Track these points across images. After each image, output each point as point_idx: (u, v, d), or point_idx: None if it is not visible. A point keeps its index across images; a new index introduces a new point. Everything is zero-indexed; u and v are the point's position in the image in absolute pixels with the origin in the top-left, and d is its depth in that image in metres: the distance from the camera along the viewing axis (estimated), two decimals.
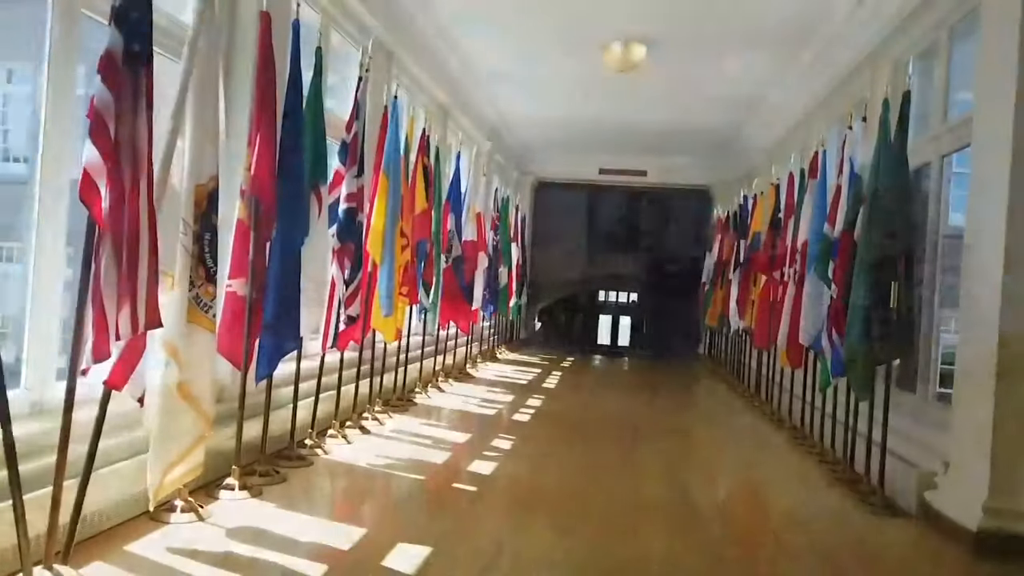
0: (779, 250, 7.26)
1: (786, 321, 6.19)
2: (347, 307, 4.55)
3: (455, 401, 6.83)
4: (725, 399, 8.51)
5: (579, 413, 6.74)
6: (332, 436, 4.79)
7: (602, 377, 10.08)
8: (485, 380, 8.54)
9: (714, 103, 9.22)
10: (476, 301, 8.52)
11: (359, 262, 4.62)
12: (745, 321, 8.52)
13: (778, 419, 6.85)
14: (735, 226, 10.27)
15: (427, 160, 6.48)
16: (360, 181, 4.59)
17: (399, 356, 6.25)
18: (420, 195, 6.14)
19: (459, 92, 8.73)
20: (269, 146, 3.61)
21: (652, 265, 19.06)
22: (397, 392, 6.39)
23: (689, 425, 6.57)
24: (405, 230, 5.74)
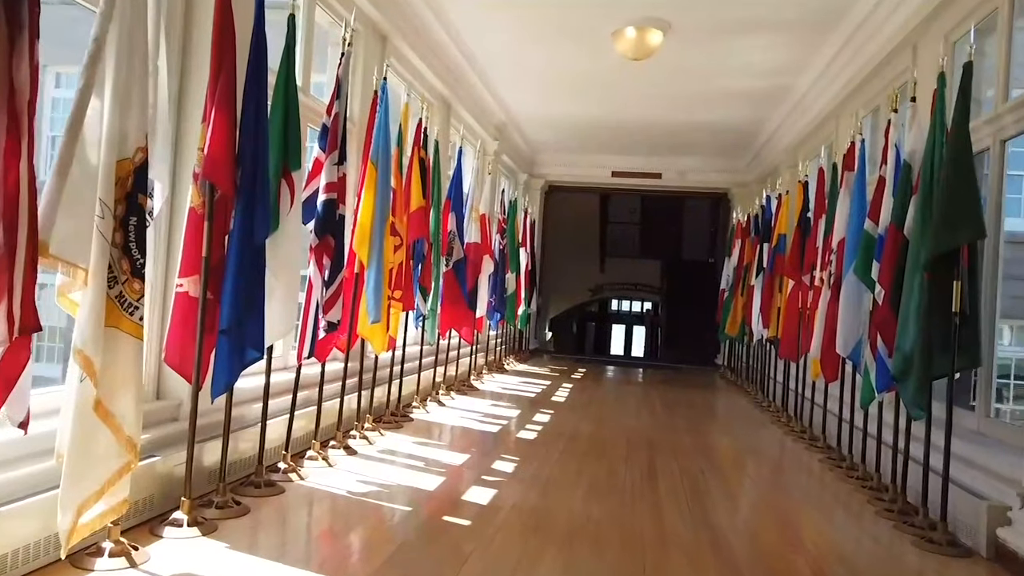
0: (808, 252, 6.68)
1: (820, 329, 5.60)
2: (326, 312, 4.01)
3: (456, 417, 6.27)
4: (748, 414, 7.90)
5: (590, 430, 6.16)
6: (311, 458, 4.24)
7: (615, 390, 9.49)
8: (490, 393, 7.98)
9: (734, 98, 8.66)
10: (480, 308, 7.98)
11: (340, 261, 4.08)
12: (770, 330, 7.93)
13: (810, 437, 6.24)
14: (756, 230, 9.68)
15: (424, 154, 5.96)
16: (341, 170, 4.06)
17: (392, 367, 5.70)
18: (416, 191, 5.61)
19: (461, 84, 8.22)
20: (226, 123, 3.08)
21: (667, 272, 18.46)
22: (391, 407, 5.84)
23: (711, 444, 5.97)
24: (398, 228, 5.22)
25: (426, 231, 5.85)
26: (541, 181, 13.27)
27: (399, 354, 5.98)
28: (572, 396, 8.22)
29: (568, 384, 9.29)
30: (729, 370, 11.59)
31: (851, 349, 5.10)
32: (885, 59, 6.06)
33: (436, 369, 6.95)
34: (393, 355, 5.67)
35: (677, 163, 12.53)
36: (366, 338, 4.74)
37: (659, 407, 7.87)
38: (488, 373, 9.41)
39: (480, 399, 7.42)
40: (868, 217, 4.83)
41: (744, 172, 12.25)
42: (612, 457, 5.10)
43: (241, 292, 3.14)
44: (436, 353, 6.97)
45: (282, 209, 3.56)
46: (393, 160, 5.25)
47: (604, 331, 22.99)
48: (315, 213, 3.96)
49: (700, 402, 8.89)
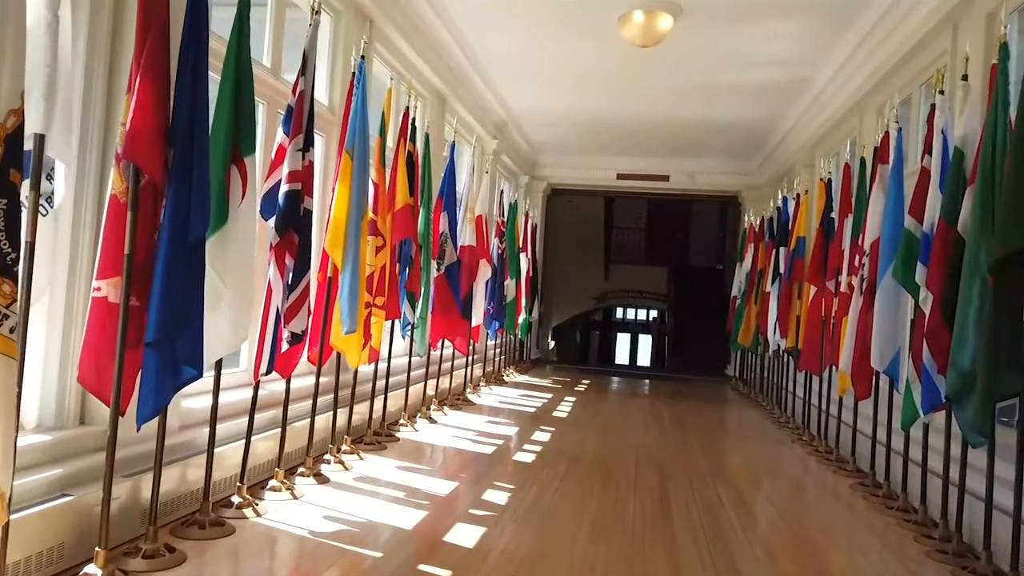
0: (832, 256, 6.12)
1: (850, 340, 5.03)
2: (287, 321, 3.46)
3: (447, 435, 5.71)
4: (764, 430, 7.32)
5: (594, 449, 5.59)
6: (274, 489, 3.69)
7: (621, 403, 8.92)
8: (487, 408, 7.42)
9: (748, 92, 8.11)
10: (476, 316, 7.43)
11: (306, 262, 3.53)
12: (788, 340, 7.36)
13: (836, 459, 5.67)
14: (771, 233, 9.13)
15: (413, 147, 5.43)
16: (307, 158, 3.52)
17: (375, 382, 5.15)
18: (402, 187, 5.08)
19: (457, 78, 7.69)
20: (153, 94, 2.55)
21: (674, 279, 17.89)
22: (373, 426, 5.29)
23: (727, 465, 5.40)
24: (381, 227, 4.68)
25: (413, 231, 5.32)
26: (543, 184, 12.74)
27: (383, 367, 5.43)
28: (575, 410, 7.65)
29: (571, 397, 8.73)
30: (741, 381, 11.01)
31: (888, 363, 4.55)
32: (920, 43, 5.50)
33: (427, 382, 6.39)
34: (376, 368, 5.13)
35: (685, 165, 11.98)
36: (339, 350, 4.19)
37: (668, 422, 7.30)
38: (486, 385, 8.85)
39: (475, 415, 6.86)
40: (908, 214, 4.28)
41: (755, 174, 11.70)
42: (619, 483, 4.53)
43: (172, 298, 2.60)
44: (427, 365, 6.41)
45: (231, 200, 3.02)
46: (375, 152, 4.72)
47: (609, 340, 22.41)
48: (276, 206, 3.42)
49: (712, 417, 8.31)
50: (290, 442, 4.14)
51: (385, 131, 4.74)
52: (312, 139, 3.55)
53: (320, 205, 4.61)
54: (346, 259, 4.01)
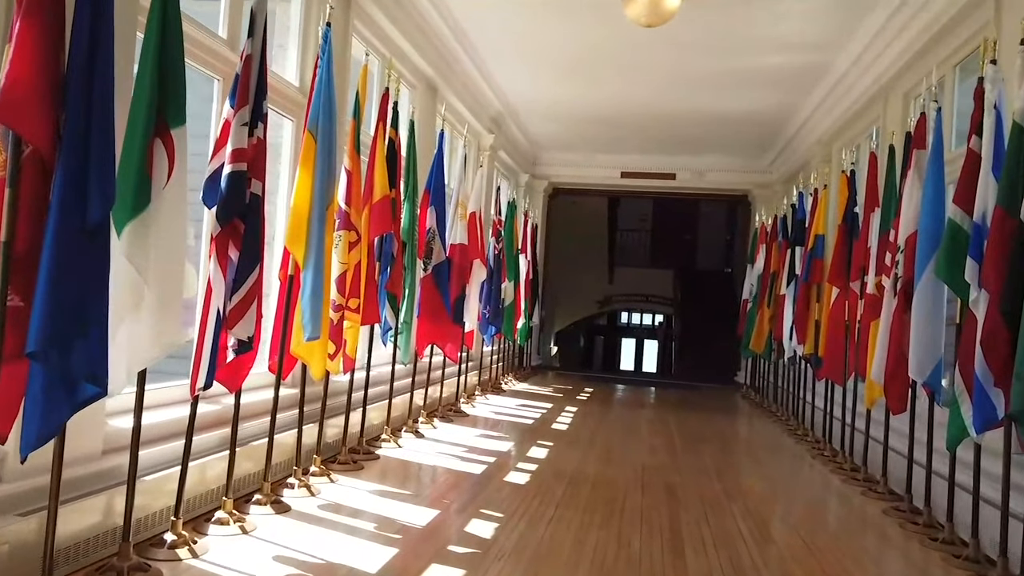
0: (857, 254, 5.59)
1: (883, 348, 4.49)
2: (230, 325, 2.94)
3: (433, 452, 5.18)
4: (781, 445, 6.77)
5: (595, 470, 5.05)
6: (220, 522, 3.16)
7: (625, 413, 8.37)
8: (481, 420, 6.88)
9: (761, 80, 7.58)
10: (470, 321, 6.90)
11: (254, 255, 3.01)
12: (806, 346, 6.81)
13: (865, 478, 5.12)
14: (784, 232, 8.59)
15: (395, 134, 4.91)
16: (255, 136, 3.00)
17: (351, 394, 4.62)
18: (381, 177, 4.56)
19: (450, 66, 7.18)
20: (36, 41, 2.04)
21: (680, 283, 17.33)
22: (351, 443, 4.77)
23: (745, 489, 4.85)
24: (355, 221, 4.16)
25: (393, 226, 4.79)
26: (544, 183, 12.21)
27: (362, 376, 4.91)
28: (576, 423, 7.11)
29: (572, 407, 8.18)
30: (752, 390, 10.45)
31: (929, 373, 4.01)
32: (956, 16, 4.96)
33: (413, 393, 5.86)
34: (353, 378, 4.60)
35: (693, 162, 11.45)
36: (301, 359, 3.66)
37: (677, 437, 6.75)
38: (482, 394, 8.32)
39: (468, 428, 6.32)
40: (953, 203, 3.75)
41: (767, 172, 11.16)
42: (623, 511, 3.99)
43: (63, 297, 2.08)
44: (413, 374, 5.87)
45: (155, 179, 2.50)
46: (348, 136, 4.21)
47: (613, 345, 21.86)
48: (217, 190, 2.90)
49: (724, 429, 7.75)
50: (249, 464, 3.63)
51: (360, 114, 4.22)
52: (262, 113, 3.03)
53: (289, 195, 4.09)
54: (308, 255, 3.48)
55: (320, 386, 4.26)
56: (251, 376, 3.86)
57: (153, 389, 3.30)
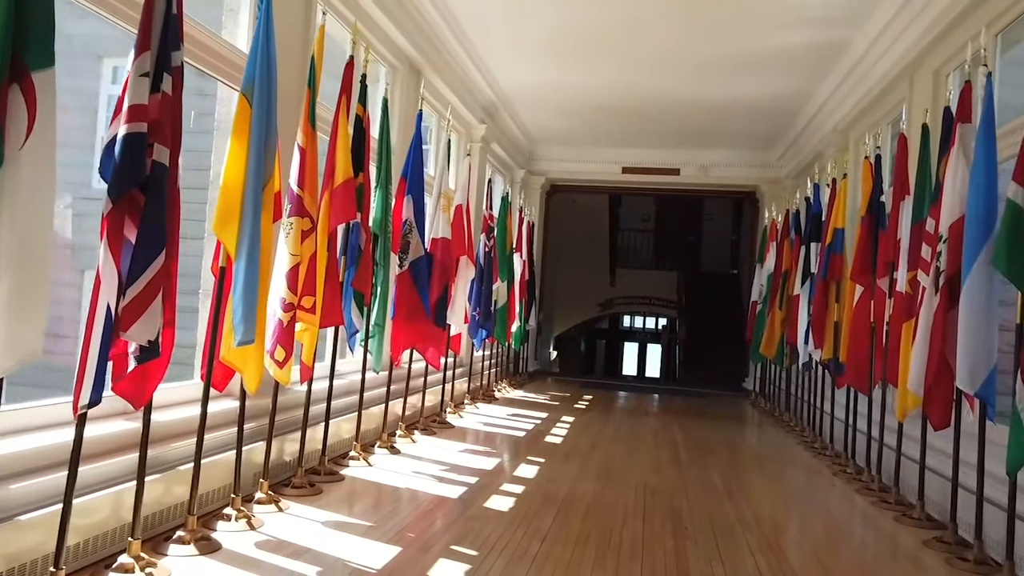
0: (884, 247, 5.00)
1: (921, 353, 3.89)
2: (126, 325, 2.35)
3: (408, 471, 4.58)
4: (797, 459, 6.17)
5: (590, 492, 4.45)
6: (122, 570, 2.57)
7: (626, 423, 7.76)
8: (468, 432, 6.29)
9: (772, 63, 6.99)
10: (456, 323, 6.31)
11: (157, 238, 2.41)
12: (824, 350, 6.20)
13: (897, 501, 4.51)
14: (797, 228, 8.00)
15: (363, 111, 4.33)
16: (161, 91, 2.42)
17: (308, 407, 4.02)
18: (344, 158, 3.98)
19: (433, 44, 6.60)
20: None
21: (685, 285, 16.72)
22: (310, 463, 4.18)
23: (762, 515, 4.24)
24: (308, 206, 3.58)
25: (359, 215, 4.21)
26: (541, 179, 11.63)
27: (324, 387, 4.33)
28: (572, 434, 6.51)
29: (569, 416, 7.58)
30: (762, 397, 9.83)
31: (982, 382, 3.40)
32: None
33: (388, 404, 5.25)
34: (310, 389, 4.00)
35: (698, 156, 10.86)
36: (233, 367, 3.06)
37: (683, 450, 6.14)
38: (471, 403, 7.72)
39: (451, 441, 5.73)
40: (1014, 181, 3.16)
41: (776, 166, 10.57)
42: (621, 546, 3.39)
43: None
44: (388, 383, 5.27)
45: (9, 135, 1.93)
46: (303, 105, 3.63)
47: (615, 350, 21.24)
48: (110, 158, 2.32)
49: (734, 441, 7.14)
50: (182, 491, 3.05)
51: (315, 82, 3.64)
52: (169, 64, 2.44)
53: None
54: (240, 243, 2.89)
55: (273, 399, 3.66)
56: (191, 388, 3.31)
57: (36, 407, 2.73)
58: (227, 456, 3.42)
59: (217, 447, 3.48)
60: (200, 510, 3.23)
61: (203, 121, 5.78)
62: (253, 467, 3.68)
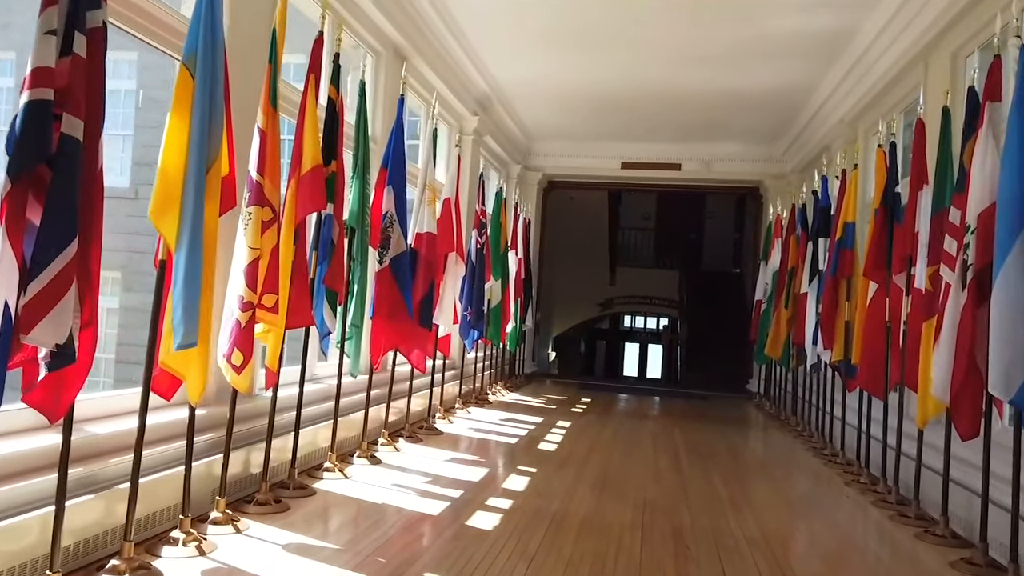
0: (900, 241, 4.66)
1: (946, 356, 3.54)
2: (27, 326, 2.00)
3: (387, 484, 4.23)
4: (807, 467, 5.83)
5: (585, 505, 4.11)
6: None
7: (625, 428, 7.40)
8: (456, 439, 5.94)
9: (777, 50, 6.65)
10: (444, 323, 5.97)
11: (66, 224, 2.07)
12: (834, 352, 5.85)
13: (916, 516, 4.16)
14: (804, 224, 7.65)
15: (335, 93, 3.99)
16: (70, 55, 2.07)
17: (273, 417, 3.67)
18: (312, 142, 3.64)
19: (420, 29, 6.26)
20: None
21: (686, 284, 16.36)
22: (278, 476, 3.84)
23: (771, 531, 3.90)
24: (269, 194, 3.23)
25: (331, 206, 3.87)
26: (538, 175, 11.28)
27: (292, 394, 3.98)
28: (568, 440, 6.16)
29: (565, 421, 7.23)
30: (766, 400, 9.48)
31: (1019, 387, 3.05)
32: None
33: (368, 410, 4.90)
34: (276, 396, 3.66)
35: (700, 151, 10.51)
36: (175, 374, 2.71)
37: (685, 458, 5.79)
38: (463, 407, 7.37)
39: (438, 449, 5.38)
40: None
41: (780, 160, 10.22)
42: (619, 572, 3.04)
43: None
44: (368, 388, 4.93)
45: None
46: (264, 82, 3.29)
47: (615, 351, 20.88)
48: (12, 129, 1.98)
49: (738, 447, 6.79)
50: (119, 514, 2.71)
51: (277, 57, 3.30)
52: (81, 22, 2.10)
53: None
54: (181, 233, 2.55)
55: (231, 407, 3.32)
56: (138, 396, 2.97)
57: None
58: (180, 472, 3.07)
59: (168, 461, 3.14)
60: (145, 533, 2.90)
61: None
62: (213, 482, 3.34)
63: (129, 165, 9.40)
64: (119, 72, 9.19)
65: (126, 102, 9.42)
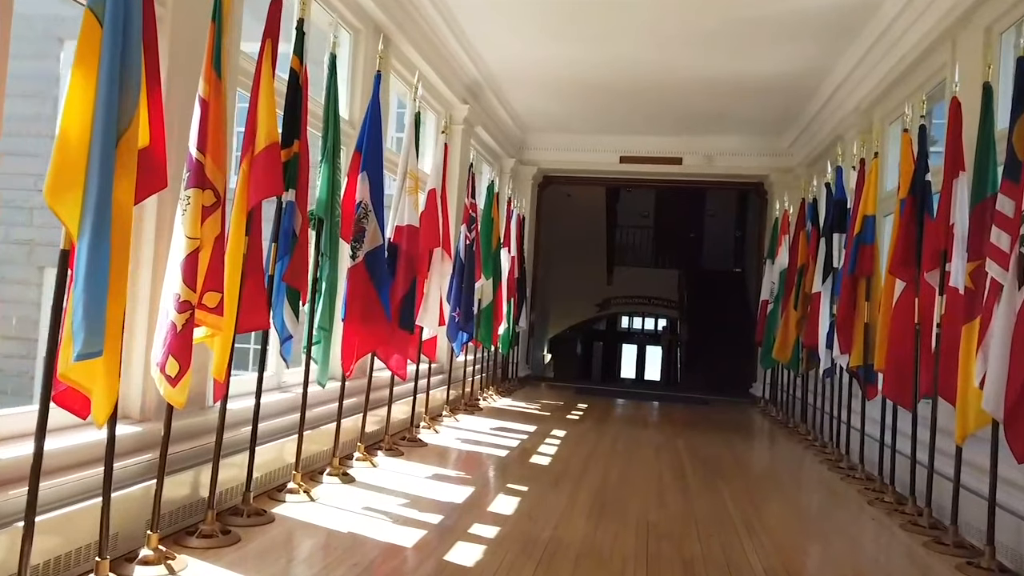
0: (932, 234, 4.20)
1: (999, 363, 3.07)
2: None
3: (355, 508, 3.75)
4: (822, 482, 5.37)
5: (581, 531, 3.63)
6: None
7: (625, 438, 6.91)
8: (442, 451, 5.46)
9: (786, 32, 6.19)
10: (430, 325, 5.50)
11: None
12: (852, 356, 5.38)
13: (956, 544, 3.68)
14: (814, 219, 7.19)
15: (299, 64, 3.51)
16: None
17: (221, 434, 3.18)
18: (268, 117, 3.15)
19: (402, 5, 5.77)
20: None
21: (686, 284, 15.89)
22: (227, 503, 3.35)
23: (792, 558, 3.44)
24: (212, 175, 2.75)
25: (293, 192, 3.39)
26: (533, 169, 10.79)
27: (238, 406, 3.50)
28: (563, 452, 5.69)
29: (561, 430, 6.75)
30: (772, 405, 9.01)
31: None
32: None
33: (340, 422, 4.40)
34: (224, 410, 3.17)
35: (702, 144, 10.04)
36: (76, 388, 2.22)
37: (690, 470, 5.32)
38: (452, 415, 6.89)
39: (420, 464, 4.90)
40: None
41: (787, 154, 9.75)
42: None
43: None
44: (340, 397, 4.44)
45: None
46: (206, 48, 2.80)
47: (613, 352, 20.41)
48: None
49: (747, 459, 6.32)
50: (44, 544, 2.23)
51: (222, 14, 2.81)
52: None
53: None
54: (84, 218, 2.06)
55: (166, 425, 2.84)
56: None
57: None
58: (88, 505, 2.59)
59: (91, 489, 2.65)
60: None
61: None
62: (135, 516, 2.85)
63: None
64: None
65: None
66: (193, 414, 3.33)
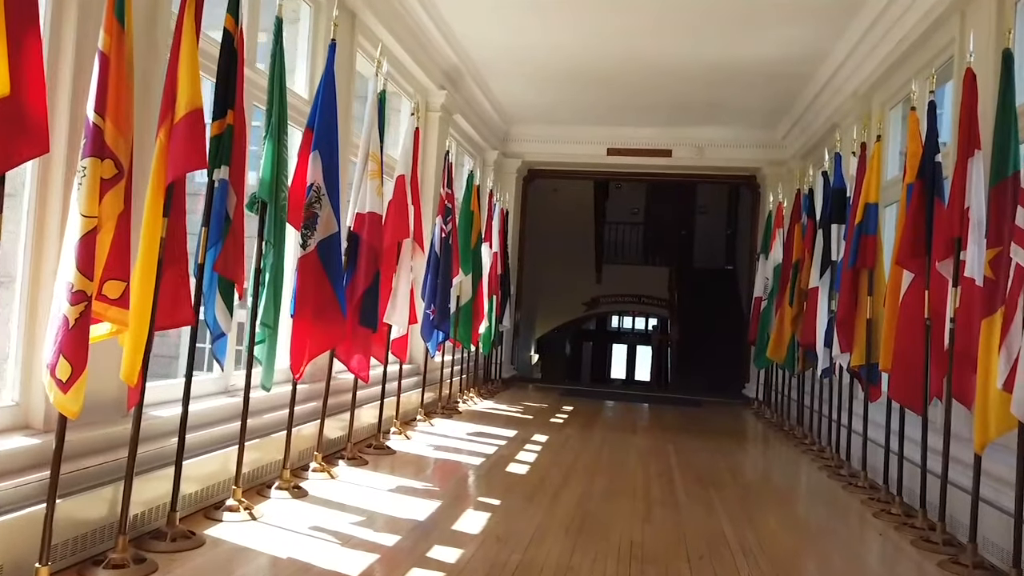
0: (943, 222, 3.82)
1: None
2: None
3: (301, 529, 3.32)
4: (822, 491, 4.99)
5: (556, 556, 3.22)
6: None
7: (611, 444, 6.49)
8: (410, 460, 5.04)
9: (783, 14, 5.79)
10: (399, 323, 5.08)
11: None
12: (854, 355, 5.00)
13: (975, 564, 3.29)
14: (810, 211, 6.82)
15: (233, 23, 3.09)
16: None
17: (136, 445, 2.74)
18: (190, 80, 2.73)
19: None
20: None
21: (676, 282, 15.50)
22: (151, 523, 2.92)
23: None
24: (112, 142, 2.33)
25: (222, 167, 2.96)
26: (517, 162, 10.38)
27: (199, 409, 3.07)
28: (543, 460, 5.27)
29: (542, 435, 6.34)
30: (766, 407, 8.63)
31: None
32: None
33: (291, 430, 3.96)
34: (139, 419, 2.74)
35: (692, 135, 9.65)
36: None
37: (680, 481, 4.92)
38: (426, 419, 6.46)
39: (383, 473, 4.48)
40: None
41: (780, 145, 9.39)
42: None
43: None
44: (291, 402, 4.00)
45: None
46: None
47: (603, 352, 20.02)
48: None
49: (741, 467, 5.92)
50: None
51: None
52: None
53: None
54: None
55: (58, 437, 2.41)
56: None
57: None
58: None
59: None
60: None
61: None
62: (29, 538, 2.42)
63: None
64: None
65: None
66: (113, 423, 2.91)
